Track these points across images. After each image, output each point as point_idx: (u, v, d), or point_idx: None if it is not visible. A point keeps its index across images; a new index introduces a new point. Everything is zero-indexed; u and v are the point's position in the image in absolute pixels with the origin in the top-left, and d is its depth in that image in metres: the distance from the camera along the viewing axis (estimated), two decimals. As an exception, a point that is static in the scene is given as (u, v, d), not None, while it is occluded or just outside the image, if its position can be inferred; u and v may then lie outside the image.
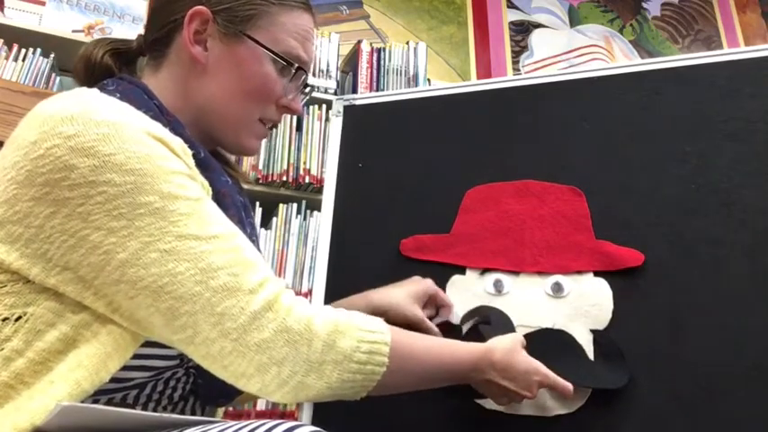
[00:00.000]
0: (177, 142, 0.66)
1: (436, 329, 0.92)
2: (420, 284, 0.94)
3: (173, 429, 0.59)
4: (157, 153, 0.62)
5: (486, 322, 0.92)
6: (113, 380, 0.63)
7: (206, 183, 0.69)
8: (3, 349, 0.59)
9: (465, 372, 0.78)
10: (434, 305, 0.97)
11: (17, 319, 0.60)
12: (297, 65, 0.79)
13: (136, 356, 0.64)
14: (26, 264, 0.60)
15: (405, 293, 0.91)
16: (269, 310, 0.62)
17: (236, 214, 0.73)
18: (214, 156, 0.80)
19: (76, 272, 0.60)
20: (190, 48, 0.75)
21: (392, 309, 0.89)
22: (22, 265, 0.60)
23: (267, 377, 0.61)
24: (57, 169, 0.58)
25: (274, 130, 2.01)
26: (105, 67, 0.77)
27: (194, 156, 0.68)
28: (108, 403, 0.66)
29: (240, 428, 0.56)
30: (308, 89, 0.87)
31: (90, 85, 0.71)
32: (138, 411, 0.60)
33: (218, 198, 0.70)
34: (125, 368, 0.63)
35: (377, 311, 0.87)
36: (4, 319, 0.60)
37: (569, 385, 0.82)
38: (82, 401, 0.59)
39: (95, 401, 0.65)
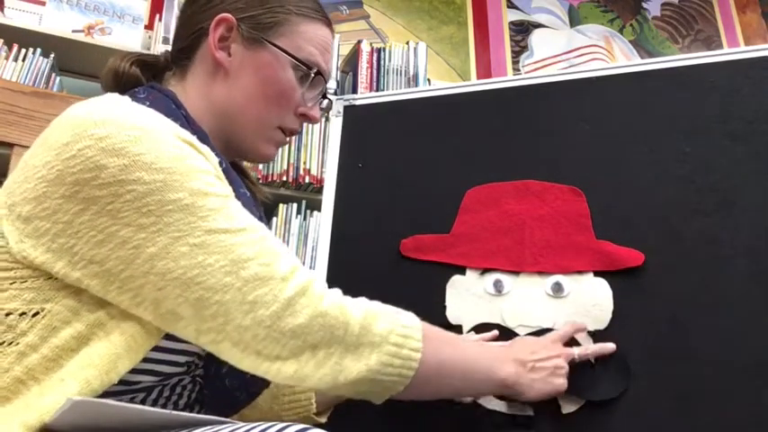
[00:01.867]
0: (204, 148, 0.68)
1: None
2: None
3: (182, 429, 0.59)
4: (186, 153, 0.64)
5: None
6: (121, 382, 0.63)
7: (230, 188, 0.69)
8: (18, 344, 0.59)
9: (491, 360, 0.78)
10: None
11: (34, 315, 0.60)
12: (316, 69, 0.81)
13: (145, 360, 0.64)
14: (51, 258, 0.60)
15: None
16: (302, 296, 0.62)
17: None
18: (234, 169, 0.81)
19: (103, 265, 0.60)
20: (214, 52, 0.77)
21: None
22: (47, 259, 0.60)
23: (303, 359, 0.62)
24: (87, 169, 0.60)
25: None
26: (134, 77, 0.79)
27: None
28: (119, 400, 0.66)
29: (250, 429, 0.56)
30: (326, 102, 0.89)
31: (121, 94, 0.72)
32: (148, 408, 0.60)
33: None
34: (133, 371, 0.63)
35: None
36: (22, 314, 0.60)
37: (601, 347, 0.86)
38: None
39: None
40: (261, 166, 1.95)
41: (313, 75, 0.80)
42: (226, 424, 0.60)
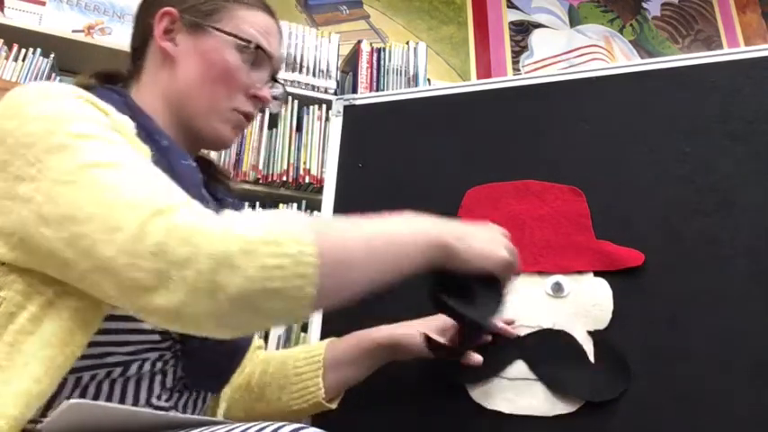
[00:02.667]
0: (111, 109, 0.67)
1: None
2: (440, 319, 0.90)
3: (178, 429, 0.59)
4: (77, 105, 0.64)
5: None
6: (89, 356, 0.62)
7: (146, 149, 0.69)
8: None
9: (420, 222, 0.70)
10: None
11: None
12: (255, 44, 0.82)
13: (107, 332, 0.64)
14: None
15: (418, 325, 0.89)
16: (159, 215, 0.56)
17: (196, 196, 0.72)
18: (202, 164, 0.85)
19: (18, 234, 0.60)
20: (160, 43, 0.81)
21: (402, 342, 0.89)
22: None
23: (171, 285, 0.54)
24: None
25: (274, 130, 2.01)
26: (94, 86, 0.81)
27: (156, 144, 0.71)
28: (92, 381, 0.66)
29: (246, 430, 0.56)
30: (279, 89, 0.90)
31: None
32: (144, 410, 0.60)
33: (176, 177, 0.69)
34: (99, 344, 0.63)
35: (384, 347, 0.89)
36: None
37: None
38: (64, 378, 0.60)
39: (78, 379, 0.65)
40: (261, 166, 1.95)
41: (254, 49, 0.82)
42: (221, 424, 0.59)
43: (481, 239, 0.75)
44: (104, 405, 0.56)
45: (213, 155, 1.89)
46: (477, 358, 0.87)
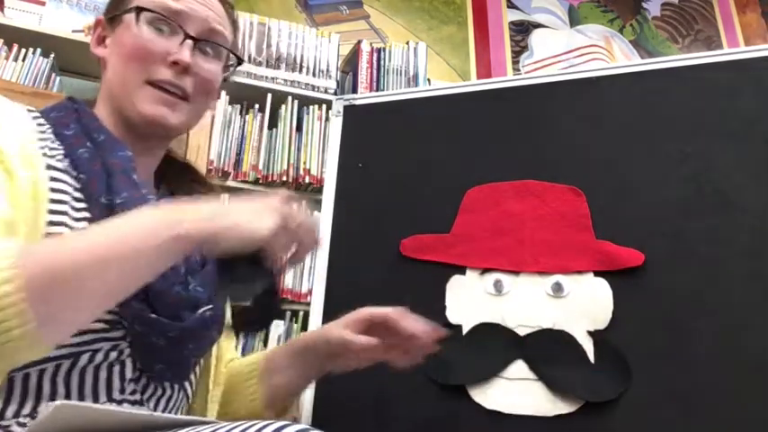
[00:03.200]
0: (14, 109, 0.73)
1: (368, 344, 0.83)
2: (355, 313, 0.87)
3: (164, 430, 0.59)
4: None
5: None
6: None
7: (36, 155, 0.71)
8: None
9: (160, 238, 0.62)
10: (386, 331, 0.85)
11: None
12: (156, 10, 0.80)
13: None
14: None
15: (335, 324, 0.88)
16: None
17: (126, 185, 0.74)
18: (175, 168, 0.89)
19: None
20: (93, 51, 0.85)
21: (321, 340, 0.87)
22: None
23: None
24: None
25: (274, 130, 2.01)
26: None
27: (94, 139, 0.75)
28: (43, 376, 0.66)
29: (231, 429, 0.56)
30: (188, 43, 0.82)
31: None
32: (129, 410, 0.60)
33: (106, 169, 0.74)
34: None
35: (311, 347, 0.88)
36: None
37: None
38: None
39: (26, 376, 0.65)
40: (261, 166, 1.95)
41: (150, 14, 0.79)
42: (208, 424, 0.59)
43: (240, 215, 0.65)
44: (91, 406, 0.56)
45: (214, 156, 1.89)
46: (360, 340, 0.82)
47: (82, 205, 0.72)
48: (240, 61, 0.91)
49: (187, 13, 0.81)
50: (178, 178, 0.91)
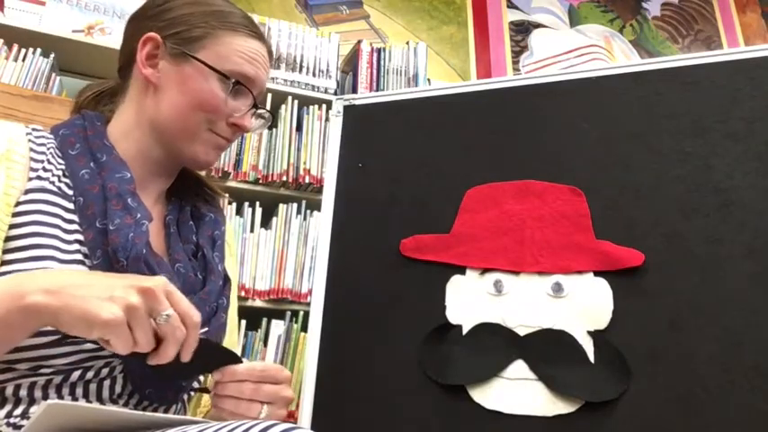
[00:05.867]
0: (16, 134, 0.75)
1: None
2: None
3: (155, 429, 0.59)
4: None
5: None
6: (20, 369, 0.63)
7: (55, 166, 0.76)
8: None
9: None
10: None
11: None
12: (234, 79, 0.82)
13: (35, 347, 0.64)
14: None
15: None
16: None
17: (121, 211, 0.74)
18: (188, 180, 0.91)
19: None
20: (142, 69, 0.82)
21: None
22: None
23: None
24: None
25: (274, 130, 2.01)
26: (90, 109, 0.87)
27: (97, 159, 0.77)
28: (34, 387, 0.67)
29: (219, 429, 0.57)
30: (263, 116, 0.91)
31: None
32: (121, 410, 0.60)
33: (103, 190, 0.75)
34: (30, 360, 0.64)
35: None
36: None
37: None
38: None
39: (18, 387, 0.66)
40: (261, 167, 1.95)
41: (232, 84, 0.82)
42: (197, 424, 0.60)
43: (91, 293, 0.57)
44: (83, 406, 0.57)
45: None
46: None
47: (74, 227, 0.73)
48: (272, 115, 0.96)
49: (255, 80, 0.85)
50: (189, 191, 0.92)
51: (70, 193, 0.75)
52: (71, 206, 0.74)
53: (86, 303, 0.56)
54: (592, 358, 0.88)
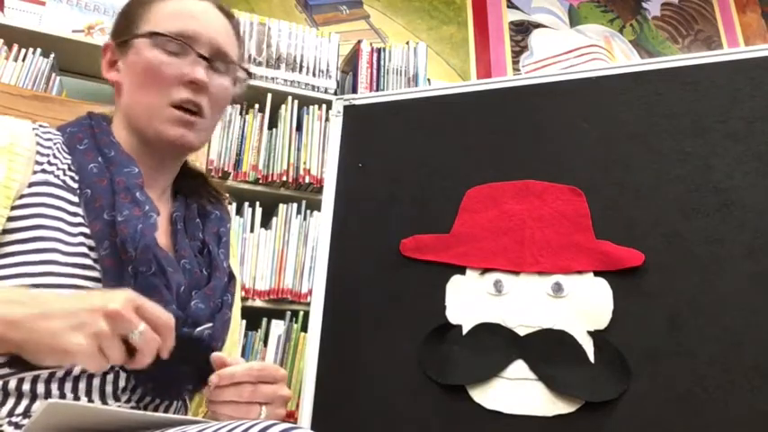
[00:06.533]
0: (21, 132, 0.76)
1: None
2: None
3: (155, 430, 0.59)
4: None
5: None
6: (23, 362, 0.60)
7: (64, 161, 0.77)
8: None
9: None
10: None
11: None
12: (167, 37, 0.81)
13: None
14: None
15: None
16: None
17: (128, 203, 0.75)
18: (190, 177, 0.91)
19: None
20: (106, 76, 0.86)
21: None
22: None
23: None
24: None
25: (274, 130, 2.01)
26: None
27: (105, 155, 0.78)
28: (37, 381, 0.67)
29: (218, 429, 0.57)
30: (203, 64, 0.84)
31: None
32: (121, 409, 0.60)
33: (112, 184, 0.76)
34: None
35: None
36: None
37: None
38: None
39: (21, 380, 0.66)
40: (261, 167, 1.95)
41: (161, 38, 0.81)
42: (196, 424, 0.60)
43: (47, 328, 0.55)
44: (83, 405, 0.57)
45: (214, 155, 1.89)
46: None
47: (78, 220, 0.74)
48: (249, 75, 0.92)
49: (196, 34, 0.84)
50: (193, 188, 0.92)
51: (75, 186, 0.76)
52: (75, 199, 0.75)
53: (52, 338, 0.55)
54: (592, 358, 0.88)
